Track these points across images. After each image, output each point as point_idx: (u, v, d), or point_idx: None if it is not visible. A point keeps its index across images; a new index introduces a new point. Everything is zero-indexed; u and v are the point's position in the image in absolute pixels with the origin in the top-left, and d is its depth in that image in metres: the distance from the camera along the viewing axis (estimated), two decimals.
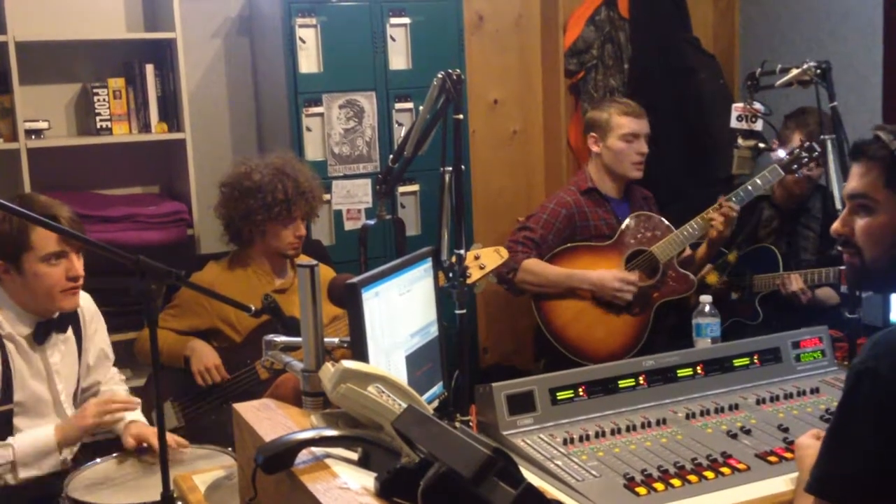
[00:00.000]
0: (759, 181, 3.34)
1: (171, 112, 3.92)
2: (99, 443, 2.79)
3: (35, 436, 2.50)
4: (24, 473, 2.45)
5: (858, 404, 1.52)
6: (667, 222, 3.60)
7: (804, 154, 3.26)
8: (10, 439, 2.46)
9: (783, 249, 3.66)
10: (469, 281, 2.51)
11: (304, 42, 3.86)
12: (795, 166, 3.29)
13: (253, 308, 2.37)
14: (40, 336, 2.62)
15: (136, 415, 2.79)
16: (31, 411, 2.60)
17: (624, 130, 3.61)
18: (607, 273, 3.50)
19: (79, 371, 2.77)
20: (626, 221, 3.59)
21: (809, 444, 1.85)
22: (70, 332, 2.72)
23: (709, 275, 3.63)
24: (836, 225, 1.83)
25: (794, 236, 3.70)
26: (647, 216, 3.62)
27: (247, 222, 3.19)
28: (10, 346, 2.56)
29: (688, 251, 3.61)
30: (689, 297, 3.58)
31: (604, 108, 3.70)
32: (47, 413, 2.64)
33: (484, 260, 2.88)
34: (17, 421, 2.56)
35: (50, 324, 2.64)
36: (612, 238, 3.57)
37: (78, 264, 2.60)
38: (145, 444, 2.56)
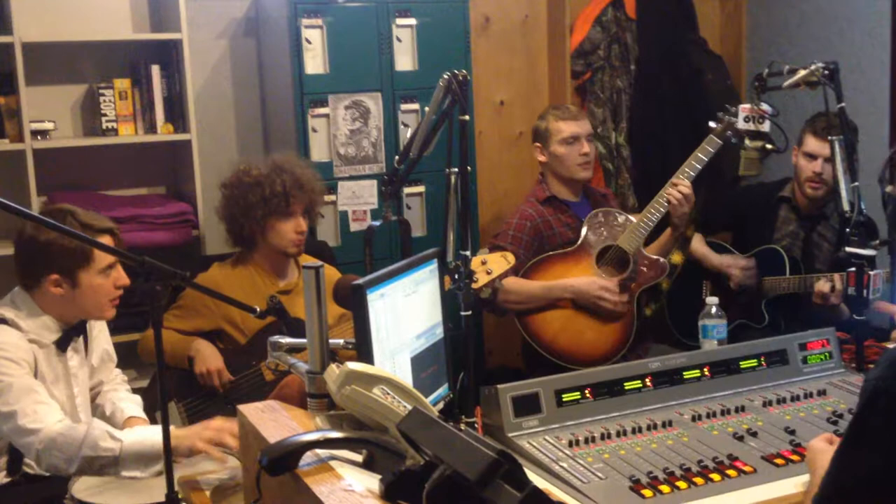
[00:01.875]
0: (700, 154, 3.31)
1: (176, 113, 3.92)
2: None
3: (143, 437, 2.38)
4: (126, 472, 2.34)
5: (873, 421, 1.50)
6: (625, 213, 3.60)
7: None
8: (120, 434, 2.38)
9: (797, 255, 3.64)
10: (475, 286, 2.51)
11: (309, 43, 3.86)
12: (729, 133, 3.20)
13: (258, 309, 2.37)
14: (64, 343, 2.63)
15: (137, 410, 2.79)
16: None
17: (563, 135, 3.62)
18: (588, 281, 3.48)
19: (87, 373, 2.78)
20: (586, 221, 3.57)
21: (822, 448, 1.84)
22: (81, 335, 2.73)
23: (673, 255, 3.61)
24: None
25: (809, 244, 3.68)
26: (605, 212, 3.61)
27: (248, 219, 3.19)
28: (36, 350, 2.56)
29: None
30: (660, 283, 3.58)
31: (543, 116, 3.73)
32: None
33: (491, 265, 2.88)
34: None
35: (72, 330, 2.65)
36: (577, 242, 3.57)
37: (123, 273, 2.63)
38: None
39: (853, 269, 2.63)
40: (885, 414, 1.48)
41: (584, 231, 3.57)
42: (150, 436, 2.36)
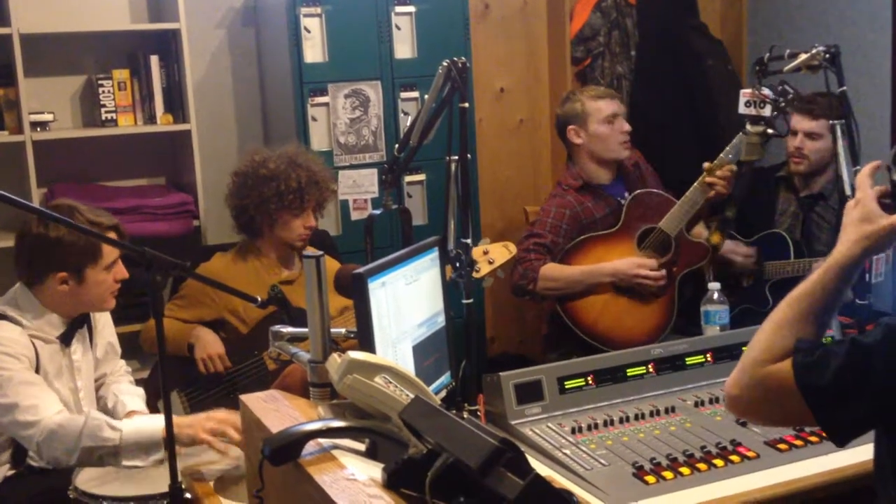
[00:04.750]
0: (740, 136, 3.26)
1: (176, 103, 3.91)
2: None
3: (142, 426, 2.39)
4: (127, 462, 2.35)
5: (880, 349, 1.48)
6: (666, 194, 3.56)
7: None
8: (119, 423, 2.39)
9: (798, 236, 3.63)
10: (477, 276, 2.50)
11: (308, 32, 3.85)
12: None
13: (259, 299, 2.37)
14: (68, 337, 2.64)
15: (139, 404, 2.79)
16: None
17: (605, 113, 3.55)
18: (626, 262, 3.44)
19: (92, 365, 2.79)
20: (627, 203, 3.51)
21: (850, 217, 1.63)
22: (84, 326, 2.73)
23: (712, 235, 3.58)
24: None
25: (809, 225, 3.67)
26: (646, 193, 3.56)
27: (259, 211, 3.19)
28: (39, 345, 2.56)
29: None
30: (704, 266, 3.54)
31: (572, 99, 3.63)
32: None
33: (493, 255, 2.87)
34: None
35: (75, 323, 2.66)
36: (618, 224, 3.55)
37: (123, 267, 2.65)
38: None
39: None
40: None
41: (624, 211, 3.51)
42: (149, 424, 2.37)
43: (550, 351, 3.68)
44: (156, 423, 2.35)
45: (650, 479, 1.94)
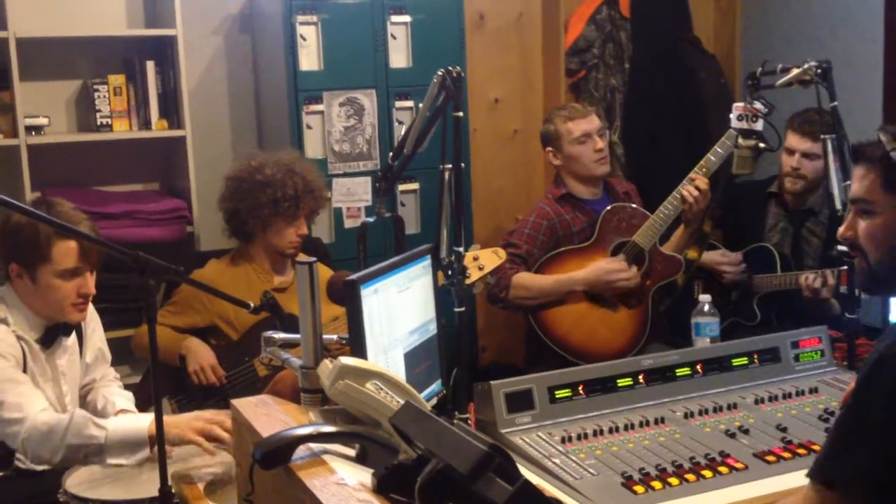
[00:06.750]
0: (719, 149, 3.28)
1: (171, 109, 3.92)
2: None
3: (128, 424, 2.39)
4: (112, 460, 2.34)
5: (876, 388, 1.50)
6: (642, 209, 3.57)
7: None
8: (104, 422, 2.38)
9: (787, 251, 3.65)
10: (468, 282, 2.51)
11: (304, 39, 3.86)
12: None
13: (252, 305, 2.37)
14: (48, 341, 2.62)
15: (128, 405, 2.78)
16: None
17: (575, 135, 3.57)
18: (592, 268, 3.46)
19: (80, 371, 2.78)
20: (602, 217, 3.53)
21: None
22: (73, 333, 2.73)
23: (689, 250, 3.60)
24: (841, 229, 1.84)
25: (799, 239, 3.69)
26: (621, 207, 3.58)
27: (252, 216, 3.20)
28: (25, 347, 2.56)
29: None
30: (676, 279, 3.56)
31: (548, 121, 3.68)
32: None
33: (483, 261, 2.88)
34: None
35: (58, 328, 2.64)
36: (592, 237, 3.55)
37: (91, 282, 2.60)
38: None
39: (846, 267, 2.63)
40: (889, 377, 1.47)
41: (599, 225, 3.53)
42: (135, 422, 2.37)
43: (529, 367, 3.68)
44: (142, 421, 2.36)
45: (639, 488, 1.94)
